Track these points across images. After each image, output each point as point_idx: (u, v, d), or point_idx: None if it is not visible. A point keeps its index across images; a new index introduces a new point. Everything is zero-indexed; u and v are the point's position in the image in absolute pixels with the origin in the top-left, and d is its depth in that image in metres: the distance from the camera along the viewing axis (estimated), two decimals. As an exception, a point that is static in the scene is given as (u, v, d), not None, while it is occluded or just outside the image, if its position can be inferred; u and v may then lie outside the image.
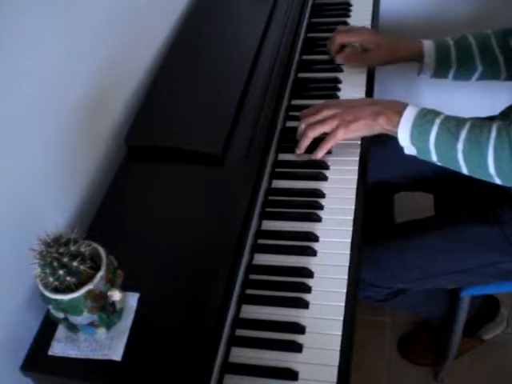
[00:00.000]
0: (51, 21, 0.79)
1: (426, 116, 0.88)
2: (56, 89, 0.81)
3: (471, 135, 0.84)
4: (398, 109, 0.91)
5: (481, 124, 0.85)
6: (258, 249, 0.89)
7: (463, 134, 0.85)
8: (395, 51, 1.14)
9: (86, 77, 0.89)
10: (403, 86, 1.36)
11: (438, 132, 0.86)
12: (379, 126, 0.92)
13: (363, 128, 0.94)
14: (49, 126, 0.81)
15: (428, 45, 1.13)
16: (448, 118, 0.88)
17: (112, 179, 0.91)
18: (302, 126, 0.98)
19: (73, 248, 0.63)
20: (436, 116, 0.88)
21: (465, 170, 0.88)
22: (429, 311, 1.39)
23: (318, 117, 0.96)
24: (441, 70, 1.13)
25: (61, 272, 0.62)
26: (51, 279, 0.63)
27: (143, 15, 1.06)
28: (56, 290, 0.64)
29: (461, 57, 1.11)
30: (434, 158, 0.89)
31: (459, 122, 0.87)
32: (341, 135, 0.95)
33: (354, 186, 0.96)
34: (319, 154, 0.97)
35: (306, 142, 0.98)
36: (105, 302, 0.66)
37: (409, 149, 0.91)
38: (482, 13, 1.68)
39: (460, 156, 0.86)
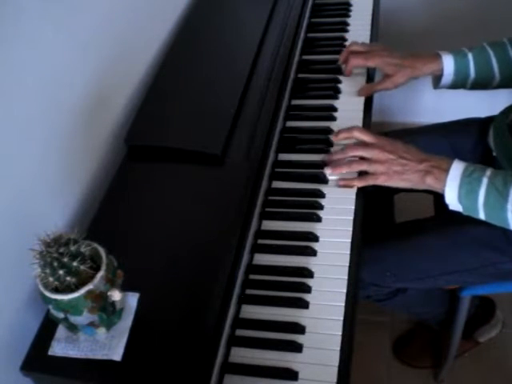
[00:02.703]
0: (51, 21, 0.79)
1: (473, 174, 0.87)
2: (56, 89, 0.81)
3: None
4: (445, 166, 0.90)
5: None
6: (258, 249, 0.89)
7: None
8: (415, 71, 1.10)
9: (86, 76, 0.89)
10: (403, 86, 1.35)
11: (486, 191, 0.86)
12: (426, 184, 0.91)
13: (405, 182, 0.93)
14: (49, 125, 0.81)
15: (446, 59, 1.09)
16: (496, 175, 0.87)
17: (112, 179, 0.91)
18: (349, 154, 0.96)
19: (73, 248, 0.63)
20: (483, 173, 0.87)
21: None
22: (428, 312, 1.39)
23: (368, 154, 0.94)
24: (459, 82, 1.11)
25: (61, 272, 0.62)
26: (51, 279, 0.63)
27: (143, 15, 1.06)
28: (56, 290, 0.64)
29: (480, 68, 1.09)
30: (482, 217, 0.89)
31: (507, 178, 0.86)
32: (381, 181, 0.94)
33: (354, 185, 0.96)
34: (356, 184, 0.95)
35: (344, 170, 0.96)
36: (105, 302, 0.66)
37: (455, 206, 0.90)
38: (481, 12, 1.68)
39: (510, 215, 0.86)
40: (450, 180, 0.89)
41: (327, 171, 0.97)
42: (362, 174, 0.96)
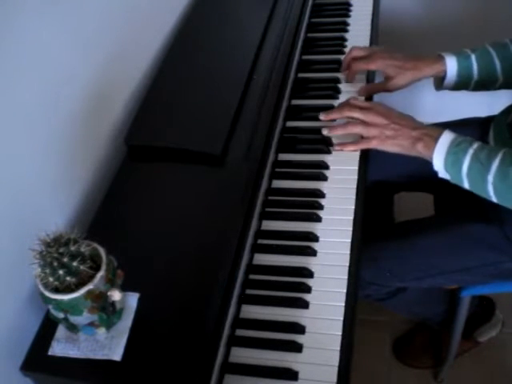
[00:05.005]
0: (51, 20, 0.79)
1: (460, 144, 0.90)
2: (56, 88, 0.81)
3: (502, 167, 0.85)
4: (435, 135, 0.92)
5: None
6: (257, 249, 0.89)
7: (494, 166, 0.86)
8: (417, 73, 1.10)
9: (85, 76, 0.89)
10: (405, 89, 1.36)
11: (470, 162, 0.88)
12: (416, 151, 0.94)
13: (397, 147, 0.96)
14: (49, 126, 0.80)
15: (450, 60, 1.09)
16: (481, 148, 0.89)
17: (112, 179, 0.91)
18: (345, 114, 1.00)
19: (73, 248, 0.63)
20: (470, 145, 0.89)
21: (495, 200, 0.89)
22: (428, 312, 1.39)
23: (363, 116, 0.97)
24: (462, 83, 1.11)
25: (61, 272, 0.62)
26: (51, 279, 0.63)
27: (143, 15, 1.06)
28: (56, 290, 0.64)
29: (483, 69, 1.09)
30: (466, 186, 0.91)
31: (491, 152, 0.88)
32: (374, 145, 0.97)
33: (354, 186, 0.96)
34: (350, 148, 1.00)
35: (340, 132, 1.00)
36: (105, 302, 0.66)
37: (443, 174, 0.93)
38: (481, 12, 1.68)
39: (490, 187, 0.87)
40: (438, 148, 0.91)
41: (324, 132, 1.01)
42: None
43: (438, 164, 0.91)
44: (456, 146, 0.90)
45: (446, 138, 0.91)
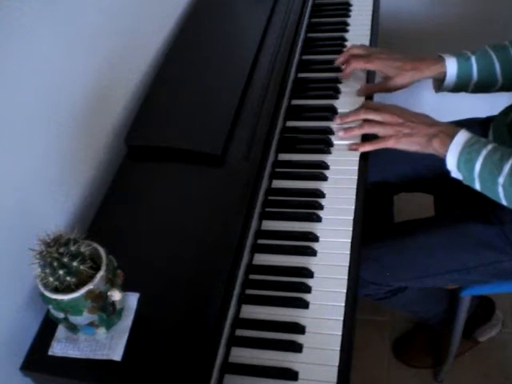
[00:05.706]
0: (51, 20, 0.79)
1: (475, 145, 0.89)
2: (56, 89, 0.81)
3: None
4: (451, 133, 0.92)
5: None
6: (257, 249, 0.89)
7: (506, 169, 0.85)
8: (417, 74, 1.09)
9: (85, 77, 0.89)
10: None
11: (482, 163, 0.88)
12: (432, 147, 0.93)
13: (414, 145, 0.96)
14: (49, 125, 0.81)
15: (450, 62, 1.08)
16: (495, 150, 0.88)
17: (112, 179, 0.91)
18: (362, 116, 1.01)
19: (73, 248, 0.63)
20: (484, 146, 0.89)
21: (504, 202, 0.88)
22: (427, 311, 1.39)
23: (379, 117, 0.98)
24: (461, 85, 1.10)
25: (61, 272, 0.62)
26: (51, 279, 0.63)
27: (143, 15, 1.06)
28: (56, 290, 0.64)
29: (482, 71, 1.08)
30: (478, 187, 0.90)
31: (504, 155, 0.87)
32: (391, 144, 0.97)
33: (354, 186, 0.96)
34: (366, 148, 1.00)
35: (357, 133, 1.01)
36: (105, 302, 0.66)
37: (455, 173, 0.93)
38: (480, 13, 1.68)
39: (500, 189, 0.87)
40: (452, 147, 0.91)
41: (340, 134, 1.02)
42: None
43: (451, 162, 0.91)
44: (470, 146, 0.89)
45: (462, 137, 0.91)
